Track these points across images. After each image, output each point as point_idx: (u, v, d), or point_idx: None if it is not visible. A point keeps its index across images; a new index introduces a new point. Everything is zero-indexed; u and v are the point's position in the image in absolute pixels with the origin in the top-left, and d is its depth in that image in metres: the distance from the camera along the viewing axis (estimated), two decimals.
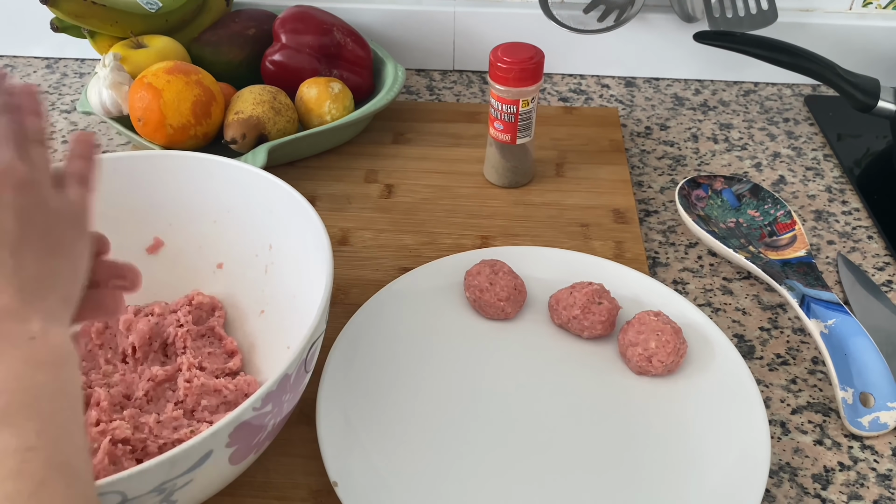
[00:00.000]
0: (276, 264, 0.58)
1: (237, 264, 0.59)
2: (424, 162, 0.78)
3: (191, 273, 0.60)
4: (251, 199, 0.57)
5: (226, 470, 0.43)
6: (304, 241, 0.53)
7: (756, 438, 0.50)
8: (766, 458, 0.48)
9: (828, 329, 0.57)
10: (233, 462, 0.42)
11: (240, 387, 0.52)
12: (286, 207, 0.55)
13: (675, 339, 0.54)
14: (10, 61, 0.97)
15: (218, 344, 0.57)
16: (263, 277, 0.58)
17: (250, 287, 0.59)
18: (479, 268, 0.60)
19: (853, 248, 0.69)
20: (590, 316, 0.57)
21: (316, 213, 0.52)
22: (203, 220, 0.59)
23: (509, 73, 0.67)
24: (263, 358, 0.56)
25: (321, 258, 0.50)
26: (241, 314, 0.59)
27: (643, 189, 0.76)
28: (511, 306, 0.59)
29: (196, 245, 0.60)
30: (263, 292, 0.58)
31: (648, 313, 0.56)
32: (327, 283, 0.47)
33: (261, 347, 0.57)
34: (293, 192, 0.54)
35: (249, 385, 0.52)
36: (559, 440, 0.52)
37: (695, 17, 0.87)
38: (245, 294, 0.59)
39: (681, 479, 0.49)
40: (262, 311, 0.58)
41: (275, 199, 0.56)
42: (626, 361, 0.56)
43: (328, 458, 0.48)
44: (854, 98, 0.76)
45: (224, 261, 0.60)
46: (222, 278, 0.60)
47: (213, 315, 0.58)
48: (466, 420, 0.53)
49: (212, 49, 0.81)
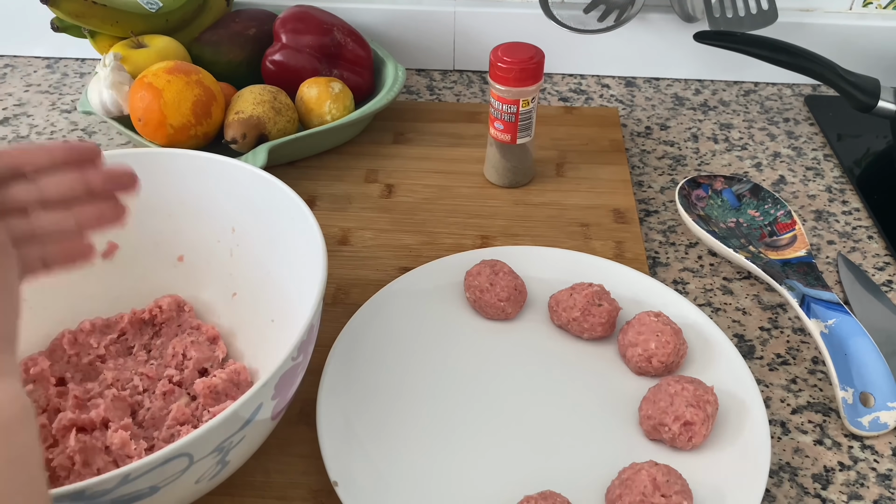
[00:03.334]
0: (242, 245, 0.57)
1: (198, 254, 0.59)
2: (425, 162, 0.78)
3: (150, 272, 0.59)
4: (206, 186, 0.57)
5: (268, 426, 0.45)
6: (272, 211, 0.54)
7: (756, 438, 0.50)
8: (767, 458, 0.48)
9: (828, 329, 0.57)
10: (273, 417, 0.45)
11: (230, 376, 0.53)
12: (245, 186, 0.55)
13: (675, 340, 0.54)
14: (11, 61, 0.97)
15: (197, 333, 0.57)
16: (230, 261, 0.58)
17: (217, 273, 0.58)
18: (479, 268, 0.60)
19: (853, 247, 0.69)
20: (589, 318, 0.57)
21: (272, 176, 0.54)
22: (157, 215, 0.58)
23: (509, 73, 0.67)
24: (246, 339, 0.57)
25: (295, 214, 0.51)
26: (211, 302, 0.59)
27: (643, 189, 0.76)
28: (511, 306, 0.59)
29: (152, 242, 0.59)
30: (232, 275, 0.58)
31: (648, 314, 0.56)
32: (314, 226, 0.49)
33: (241, 329, 0.57)
34: (248, 168, 0.55)
35: (239, 374, 0.53)
36: (560, 440, 0.52)
37: (695, 16, 0.87)
38: (212, 281, 0.59)
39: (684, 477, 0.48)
40: (234, 294, 0.58)
41: (232, 181, 0.56)
42: (626, 362, 0.56)
43: (328, 458, 0.48)
44: (854, 98, 0.76)
45: (185, 252, 0.59)
46: (185, 270, 0.59)
47: (184, 311, 0.58)
48: (466, 420, 0.53)
49: (212, 49, 0.81)
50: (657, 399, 0.50)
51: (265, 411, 0.43)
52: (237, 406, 0.39)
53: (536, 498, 0.46)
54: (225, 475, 0.44)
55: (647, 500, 0.44)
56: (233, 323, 0.58)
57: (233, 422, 0.40)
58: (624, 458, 0.49)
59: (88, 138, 0.83)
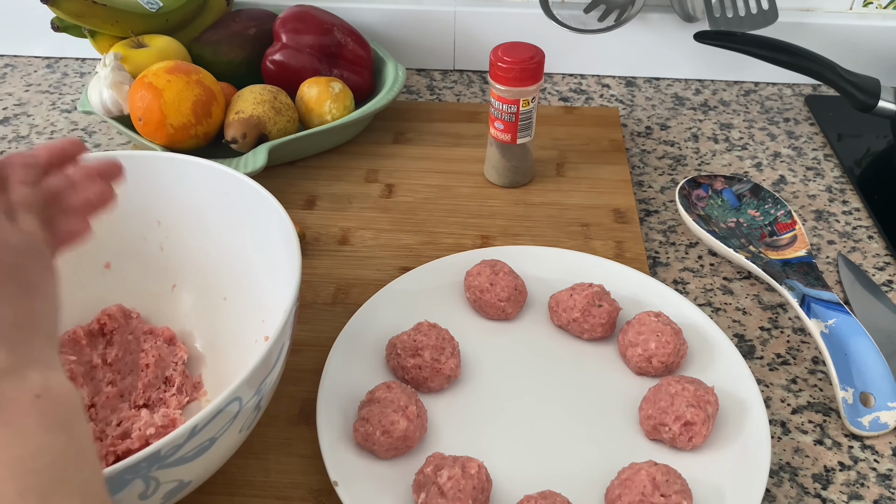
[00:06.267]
0: (172, 237, 0.57)
1: (126, 257, 0.58)
2: (425, 162, 0.78)
3: (77, 283, 0.50)
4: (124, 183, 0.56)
5: (282, 368, 0.47)
6: (201, 192, 0.55)
7: (756, 439, 0.50)
8: (767, 459, 0.48)
9: (828, 329, 0.57)
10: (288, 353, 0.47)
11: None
12: (164, 175, 0.55)
13: (676, 340, 0.54)
14: (11, 61, 0.97)
15: (152, 338, 0.56)
16: (161, 255, 0.58)
17: (150, 271, 0.58)
18: (479, 268, 0.60)
19: (853, 247, 0.69)
20: (590, 318, 0.57)
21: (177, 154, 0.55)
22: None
23: (510, 73, 0.67)
24: (203, 321, 0.57)
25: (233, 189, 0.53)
26: (151, 302, 0.58)
27: (643, 189, 0.76)
28: (511, 306, 0.59)
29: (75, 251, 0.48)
30: (167, 269, 0.58)
31: (649, 314, 0.56)
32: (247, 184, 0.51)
33: (193, 317, 0.58)
34: (167, 156, 0.55)
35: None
36: (560, 440, 0.52)
37: (695, 16, 0.87)
38: (147, 281, 0.58)
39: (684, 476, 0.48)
40: (174, 286, 0.58)
41: (153, 173, 0.56)
42: (626, 362, 0.56)
43: (328, 459, 0.48)
44: (854, 98, 0.76)
45: (111, 259, 0.58)
46: (113, 276, 0.58)
47: (132, 317, 0.57)
48: (466, 419, 0.53)
49: (212, 49, 0.81)
50: (657, 399, 0.50)
51: (286, 348, 0.46)
52: (270, 345, 0.42)
53: (536, 497, 0.46)
54: (254, 423, 0.46)
55: (646, 499, 0.44)
56: (182, 318, 0.58)
57: (267, 361, 0.42)
58: (624, 458, 0.49)
59: (88, 138, 0.83)
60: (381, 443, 0.48)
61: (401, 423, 0.48)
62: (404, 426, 0.48)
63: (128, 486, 0.37)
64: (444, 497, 0.44)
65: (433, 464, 0.46)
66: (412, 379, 0.53)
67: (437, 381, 0.53)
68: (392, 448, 0.49)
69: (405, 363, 0.53)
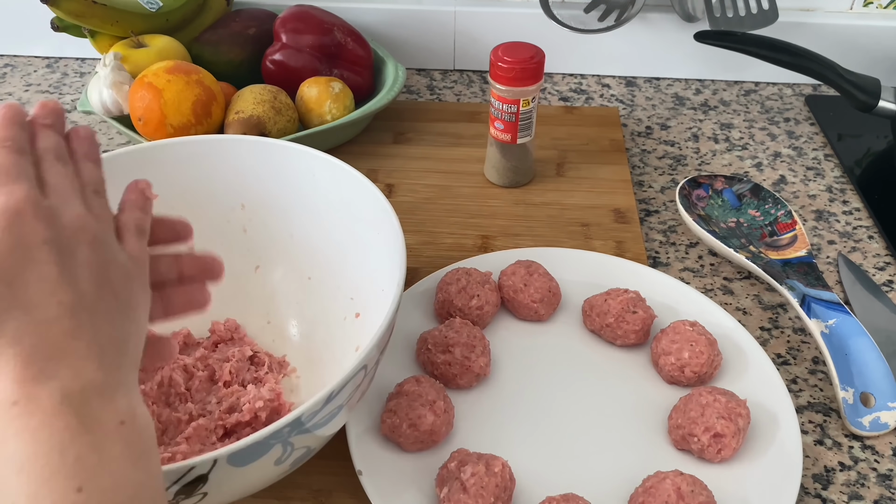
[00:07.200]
0: (255, 220, 0.58)
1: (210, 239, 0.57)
2: (425, 161, 0.78)
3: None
4: (208, 168, 0.57)
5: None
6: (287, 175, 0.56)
7: (787, 454, 0.49)
8: (797, 475, 0.47)
9: (828, 329, 0.57)
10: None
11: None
12: (249, 159, 0.56)
13: (710, 351, 0.53)
14: (11, 60, 0.97)
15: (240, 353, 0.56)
16: (244, 237, 0.58)
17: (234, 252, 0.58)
18: (514, 268, 0.59)
19: (854, 247, 0.69)
20: (623, 325, 0.56)
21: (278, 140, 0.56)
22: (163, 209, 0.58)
23: (510, 73, 0.67)
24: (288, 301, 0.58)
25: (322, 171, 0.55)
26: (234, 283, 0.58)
27: (644, 189, 0.76)
28: (544, 308, 0.58)
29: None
30: (251, 250, 0.58)
31: (684, 322, 0.55)
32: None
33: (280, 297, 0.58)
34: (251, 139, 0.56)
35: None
36: (586, 444, 0.51)
37: (695, 16, 0.87)
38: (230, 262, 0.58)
39: (710, 488, 0.47)
40: (258, 267, 0.59)
41: (237, 157, 0.56)
42: (658, 370, 0.55)
43: (354, 448, 0.49)
44: (855, 98, 0.76)
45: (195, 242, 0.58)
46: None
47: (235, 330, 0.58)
48: (492, 417, 0.53)
49: (212, 48, 0.81)
50: (688, 409, 0.50)
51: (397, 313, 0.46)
52: (393, 308, 0.43)
53: (559, 499, 0.45)
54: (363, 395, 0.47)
55: None
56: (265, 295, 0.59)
57: (390, 325, 0.43)
58: (650, 465, 0.48)
59: None
60: (407, 435, 0.49)
61: (428, 417, 0.48)
62: (431, 420, 0.48)
63: (269, 451, 0.39)
64: (466, 493, 0.44)
65: (457, 459, 0.46)
66: (441, 374, 0.53)
67: (465, 379, 0.53)
68: (418, 441, 0.49)
69: (435, 359, 0.53)
